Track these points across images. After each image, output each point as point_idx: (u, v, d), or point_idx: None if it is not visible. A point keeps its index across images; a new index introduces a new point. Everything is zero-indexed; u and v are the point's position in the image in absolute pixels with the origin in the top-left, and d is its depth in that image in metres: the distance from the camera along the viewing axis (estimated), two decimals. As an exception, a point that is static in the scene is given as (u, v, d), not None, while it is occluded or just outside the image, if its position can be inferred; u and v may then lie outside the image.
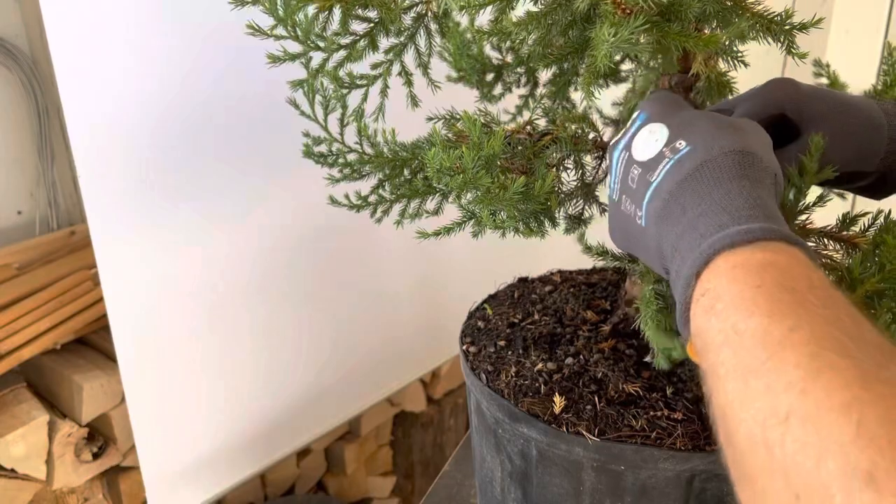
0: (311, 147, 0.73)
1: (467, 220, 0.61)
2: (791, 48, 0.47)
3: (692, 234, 0.42)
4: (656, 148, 0.48)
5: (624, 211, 0.51)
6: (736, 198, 0.42)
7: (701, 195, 0.43)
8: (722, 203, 0.42)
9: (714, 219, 0.42)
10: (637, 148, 0.50)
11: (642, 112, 0.52)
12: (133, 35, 0.89)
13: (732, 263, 0.38)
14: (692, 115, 0.49)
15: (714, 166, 0.44)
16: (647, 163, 0.48)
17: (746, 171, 0.44)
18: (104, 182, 0.91)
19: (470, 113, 0.59)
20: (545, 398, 0.66)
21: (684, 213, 0.44)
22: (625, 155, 0.51)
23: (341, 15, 0.62)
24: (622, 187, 0.51)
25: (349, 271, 1.26)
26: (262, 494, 1.45)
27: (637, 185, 0.48)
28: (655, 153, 0.48)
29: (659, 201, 0.46)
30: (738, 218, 0.41)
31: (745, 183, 0.43)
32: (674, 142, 0.47)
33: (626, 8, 0.38)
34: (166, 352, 1.03)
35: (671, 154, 0.47)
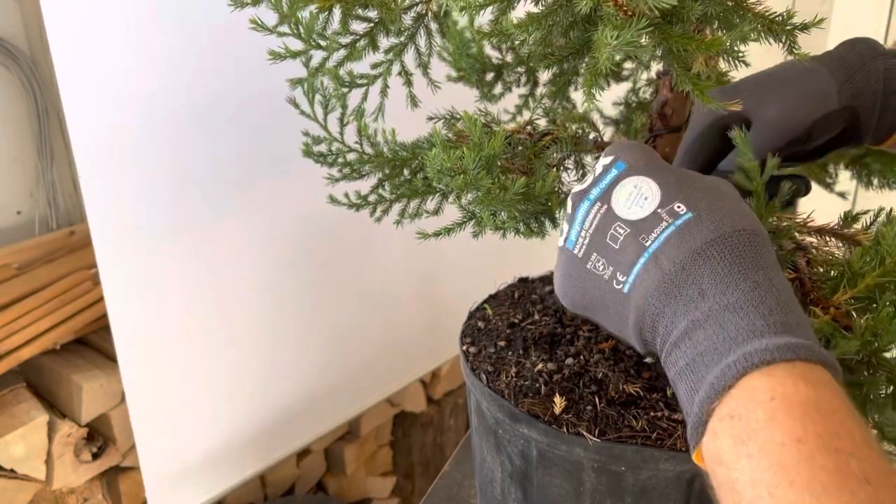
0: (311, 146, 0.73)
1: (468, 220, 0.61)
2: (792, 48, 0.47)
3: (718, 332, 0.39)
4: (648, 207, 0.44)
5: (592, 270, 0.46)
6: (766, 295, 0.39)
7: (725, 282, 0.40)
8: (752, 299, 0.39)
9: (746, 319, 0.38)
10: (619, 203, 0.45)
11: (619, 161, 0.47)
12: (133, 35, 0.89)
13: (771, 393, 0.35)
14: (681, 175, 0.45)
15: (731, 247, 0.41)
16: (637, 223, 0.43)
17: (764, 259, 0.41)
18: (104, 181, 0.91)
19: (470, 113, 0.59)
20: (545, 399, 0.66)
21: (703, 299, 0.40)
22: (600, 208, 0.46)
23: (341, 14, 0.62)
24: (594, 244, 0.46)
25: (349, 271, 1.26)
26: (261, 495, 1.45)
27: (623, 246, 0.44)
28: (648, 213, 0.43)
29: (659, 272, 0.42)
30: (773, 325, 0.38)
31: (771, 274, 0.40)
32: (670, 204, 0.43)
33: (628, 10, 0.38)
34: (166, 352, 1.03)
35: (670, 218, 0.43)
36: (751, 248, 0.41)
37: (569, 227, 0.48)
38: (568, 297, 0.49)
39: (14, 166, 1.24)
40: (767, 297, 0.39)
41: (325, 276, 1.22)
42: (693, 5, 0.42)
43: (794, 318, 0.39)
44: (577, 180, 0.68)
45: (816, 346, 0.37)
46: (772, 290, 0.39)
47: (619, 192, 0.45)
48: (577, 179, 0.68)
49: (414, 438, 1.71)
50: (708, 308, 0.39)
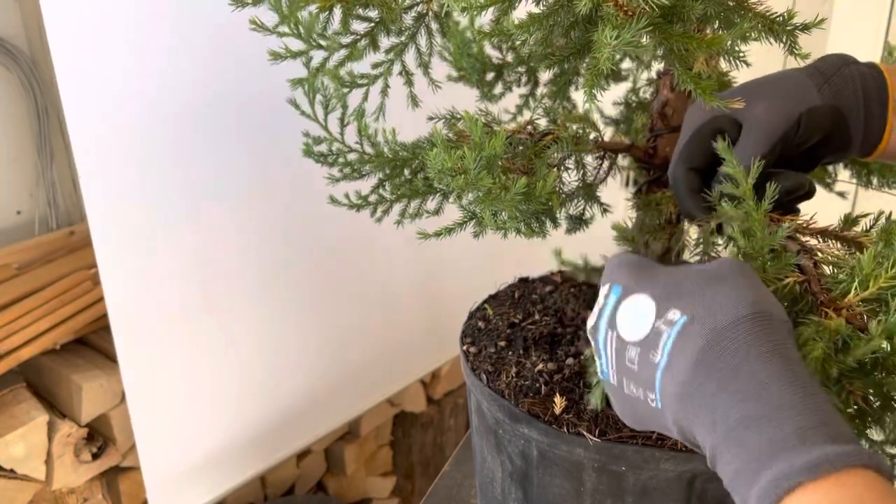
0: (312, 146, 0.73)
1: (468, 220, 0.61)
2: (793, 48, 0.47)
3: (739, 452, 0.38)
4: (648, 323, 0.44)
5: (629, 395, 0.46)
6: (776, 394, 0.38)
7: (730, 391, 0.39)
8: (763, 403, 0.38)
9: (762, 435, 0.37)
10: (624, 327, 0.46)
11: (614, 285, 0.48)
12: (133, 35, 0.89)
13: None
14: (673, 278, 0.46)
15: (725, 347, 0.40)
16: (643, 342, 0.44)
17: (764, 346, 0.39)
18: (104, 181, 0.91)
19: (471, 113, 0.59)
20: (546, 398, 0.66)
21: (715, 412, 0.39)
22: (612, 335, 0.47)
23: (342, 14, 0.62)
24: (619, 371, 0.47)
25: (349, 272, 1.26)
26: (261, 495, 1.45)
27: (639, 367, 0.44)
28: (649, 330, 0.44)
29: (675, 386, 0.42)
30: (790, 434, 0.36)
31: (776, 364, 0.39)
32: (665, 313, 0.43)
33: (628, 10, 0.38)
34: (167, 352, 1.03)
35: (667, 328, 0.43)
36: (754, 338, 0.40)
37: (598, 359, 0.50)
38: (629, 420, 0.50)
39: (14, 166, 1.24)
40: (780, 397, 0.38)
41: (326, 277, 1.22)
42: (693, 4, 0.42)
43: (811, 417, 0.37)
44: (578, 180, 0.68)
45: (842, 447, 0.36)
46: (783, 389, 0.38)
47: (621, 316, 0.46)
48: (578, 179, 0.68)
49: (414, 438, 1.71)
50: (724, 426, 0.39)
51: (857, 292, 0.45)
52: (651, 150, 0.70)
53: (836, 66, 0.56)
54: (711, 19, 0.46)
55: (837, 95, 0.55)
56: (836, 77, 0.56)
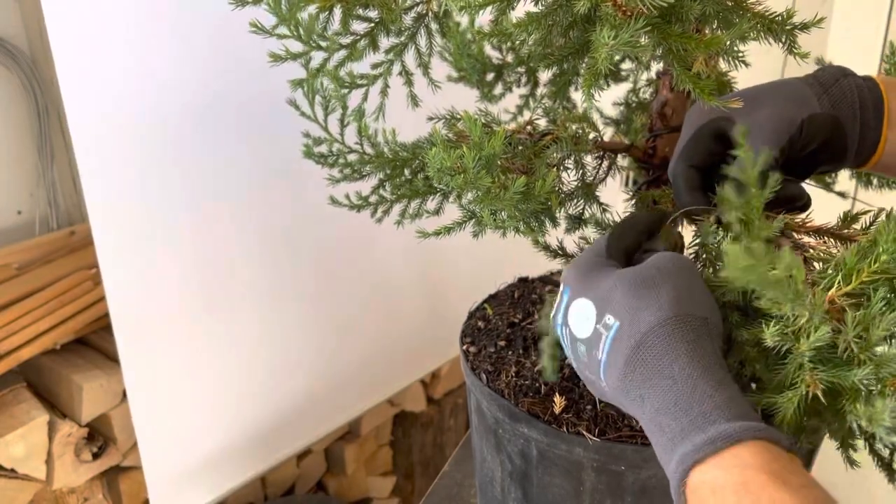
0: (312, 147, 0.73)
1: (468, 219, 0.61)
2: (792, 48, 0.47)
3: (660, 435, 0.45)
4: (590, 325, 0.51)
5: (588, 377, 0.53)
6: (684, 388, 0.45)
7: (651, 385, 0.46)
8: (674, 398, 0.45)
9: (675, 421, 0.44)
10: (574, 325, 0.52)
11: (566, 286, 0.54)
12: (134, 35, 0.89)
13: (711, 486, 0.41)
14: (608, 284, 0.51)
15: (648, 348, 0.47)
16: (587, 340, 0.51)
17: (680, 345, 0.46)
18: (105, 181, 0.91)
19: (470, 113, 0.59)
20: (545, 398, 0.66)
21: (643, 405, 0.47)
22: (567, 331, 0.53)
23: (342, 15, 0.62)
24: (575, 359, 0.53)
25: (350, 272, 1.26)
26: (262, 495, 1.45)
27: (588, 360, 0.51)
28: (591, 331, 0.50)
29: (615, 380, 0.49)
30: (694, 418, 0.43)
31: (684, 364, 0.45)
32: (602, 318, 0.50)
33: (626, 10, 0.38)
34: (168, 352, 1.03)
35: (605, 331, 0.49)
36: (666, 342, 0.47)
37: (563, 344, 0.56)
38: (594, 393, 0.55)
39: (14, 166, 1.24)
40: (687, 391, 0.45)
41: (326, 276, 1.23)
42: (692, 4, 0.42)
43: (712, 401, 0.44)
44: (577, 180, 0.68)
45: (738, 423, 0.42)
46: (688, 382, 0.45)
47: (571, 315, 0.53)
48: (577, 179, 0.68)
49: (414, 438, 1.71)
50: (649, 415, 0.46)
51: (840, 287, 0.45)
52: (650, 150, 0.70)
53: (834, 77, 0.57)
54: (710, 19, 0.46)
55: (835, 105, 0.57)
56: (835, 88, 0.57)
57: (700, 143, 0.57)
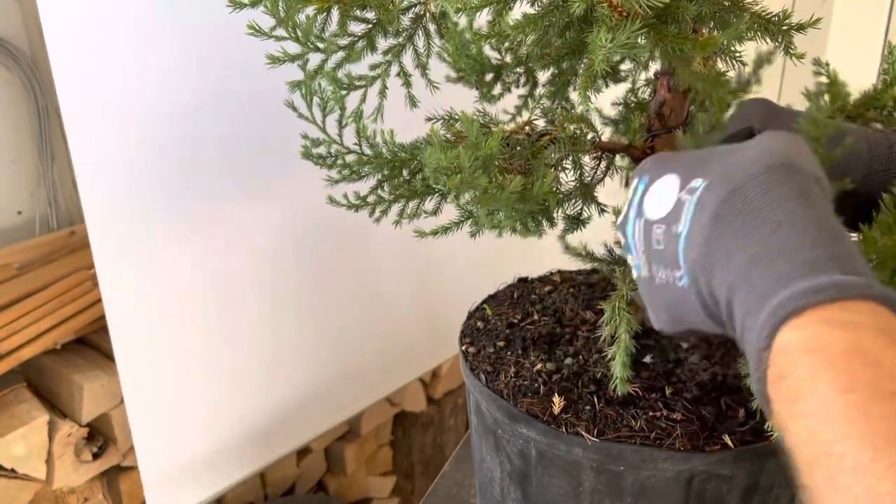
0: (310, 148, 0.73)
1: (465, 219, 0.61)
2: (789, 49, 0.47)
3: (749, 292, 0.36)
4: (672, 198, 0.43)
5: (659, 283, 0.45)
6: (789, 233, 0.36)
7: (745, 233, 0.37)
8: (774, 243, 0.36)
9: (770, 269, 0.35)
10: (650, 209, 0.45)
11: (641, 176, 0.48)
12: (132, 35, 0.89)
13: (805, 346, 0.32)
14: (696, 153, 0.44)
15: (745, 195, 0.38)
16: (667, 216, 0.43)
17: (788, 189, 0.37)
18: (102, 182, 0.91)
19: (468, 113, 0.59)
20: (544, 398, 0.66)
21: (730, 259, 0.38)
22: (639, 223, 0.46)
23: (339, 16, 0.62)
24: (649, 258, 0.45)
25: (349, 271, 1.26)
26: (262, 494, 1.45)
27: (665, 243, 0.43)
28: (673, 203, 0.43)
29: (696, 251, 0.40)
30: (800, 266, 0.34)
31: (794, 207, 0.36)
32: (687, 183, 0.42)
33: (622, 11, 0.38)
34: (165, 351, 1.03)
35: (689, 195, 0.41)
36: (769, 187, 0.38)
37: (630, 256, 0.48)
38: (662, 322, 0.48)
39: (14, 166, 1.24)
40: (792, 237, 0.36)
41: (325, 276, 1.23)
42: (688, 5, 0.42)
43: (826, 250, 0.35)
44: (575, 180, 0.68)
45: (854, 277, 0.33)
46: (795, 227, 0.36)
47: (647, 201, 0.46)
48: (575, 180, 0.68)
49: (414, 438, 1.71)
50: (737, 269, 0.37)
51: None
52: (649, 150, 0.70)
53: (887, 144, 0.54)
54: (706, 20, 0.46)
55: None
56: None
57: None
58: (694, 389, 0.67)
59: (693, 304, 0.42)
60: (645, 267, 0.46)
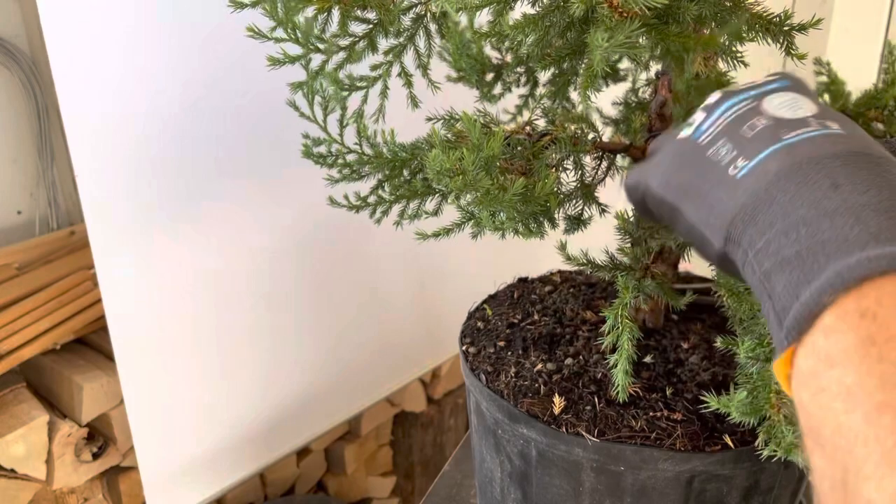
0: (311, 148, 0.73)
1: (466, 220, 0.61)
2: (790, 49, 0.47)
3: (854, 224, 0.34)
4: (800, 113, 0.42)
5: (710, 157, 0.43)
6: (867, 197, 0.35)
7: (865, 183, 0.36)
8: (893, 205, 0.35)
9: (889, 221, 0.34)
10: (772, 104, 0.43)
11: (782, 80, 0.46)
12: (132, 35, 0.89)
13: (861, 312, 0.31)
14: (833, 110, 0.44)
15: (873, 163, 0.38)
16: (784, 121, 0.42)
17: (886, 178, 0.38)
18: (102, 182, 0.91)
19: (469, 113, 0.59)
20: (545, 399, 0.66)
21: (836, 191, 0.36)
22: (749, 104, 0.44)
23: (340, 16, 0.62)
24: (725, 132, 0.44)
25: (348, 271, 1.26)
26: (262, 494, 1.45)
27: (758, 135, 0.42)
28: (799, 117, 0.42)
29: (790, 160, 0.39)
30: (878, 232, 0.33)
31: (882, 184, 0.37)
32: (823, 119, 0.42)
33: (622, 11, 0.38)
34: (164, 352, 1.03)
35: (819, 126, 0.41)
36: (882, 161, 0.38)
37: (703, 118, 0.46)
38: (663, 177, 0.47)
39: (14, 166, 1.24)
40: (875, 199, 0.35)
41: (325, 276, 1.23)
42: (688, 6, 0.42)
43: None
44: (576, 181, 0.68)
45: None
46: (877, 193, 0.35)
47: (773, 97, 0.44)
48: (576, 180, 0.68)
49: (414, 438, 1.71)
50: (842, 199, 0.36)
51: None
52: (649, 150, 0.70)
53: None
54: (707, 20, 0.46)
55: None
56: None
57: None
58: (694, 389, 0.67)
59: (724, 194, 0.42)
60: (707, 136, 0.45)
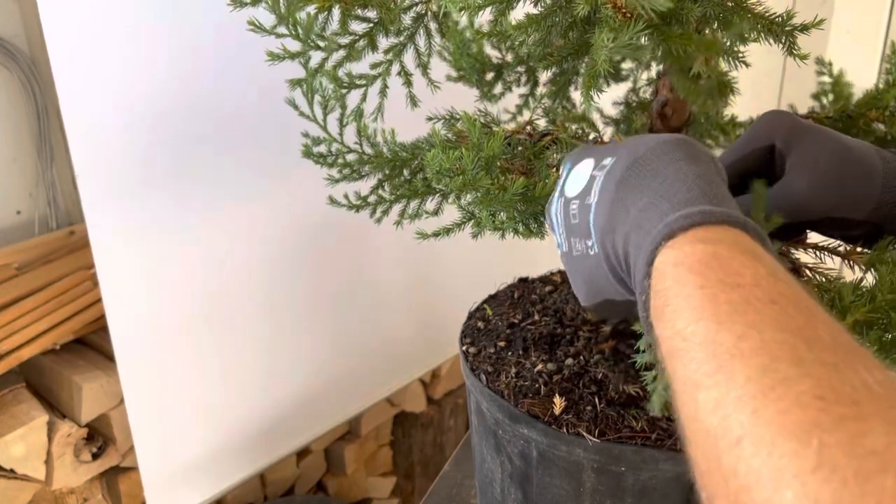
0: (311, 147, 0.73)
1: (467, 220, 0.61)
2: (792, 49, 0.47)
3: (638, 233, 0.41)
4: (586, 177, 0.48)
5: (577, 256, 0.49)
6: (673, 182, 0.41)
7: (640, 189, 0.42)
8: (660, 191, 0.41)
9: (656, 211, 0.40)
10: (569, 188, 0.49)
11: (566, 163, 0.52)
12: (131, 35, 0.89)
13: (674, 260, 0.36)
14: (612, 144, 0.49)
15: (644, 161, 0.43)
16: (581, 192, 0.47)
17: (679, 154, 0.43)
18: (102, 182, 0.91)
19: (470, 113, 0.59)
20: (545, 399, 0.66)
21: (628, 213, 0.42)
22: (560, 202, 0.50)
23: (341, 15, 0.62)
24: (567, 232, 0.49)
25: (349, 271, 1.26)
26: (261, 495, 1.45)
27: (579, 216, 0.47)
28: (587, 181, 0.47)
29: (603, 216, 0.44)
30: (677, 203, 0.39)
31: (682, 164, 0.42)
32: (600, 162, 0.47)
33: (626, 12, 0.38)
34: (165, 352, 1.03)
35: (600, 172, 0.46)
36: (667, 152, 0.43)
37: (554, 236, 0.52)
38: (581, 296, 0.51)
39: (14, 166, 1.24)
40: (675, 183, 0.41)
41: (325, 276, 1.22)
42: (692, 7, 0.42)
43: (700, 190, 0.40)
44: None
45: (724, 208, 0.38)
46: (679, 177, 0.41)
47: (568, 183, 0.50)
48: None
49: (414, 438, 1.71)
50: (632, 219, 0.42)
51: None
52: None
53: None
54: (710, 21, 0.46)
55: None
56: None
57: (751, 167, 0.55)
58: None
59: (603, 270, 0.46)
60: (565, 242, 0.50)
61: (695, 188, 0.40)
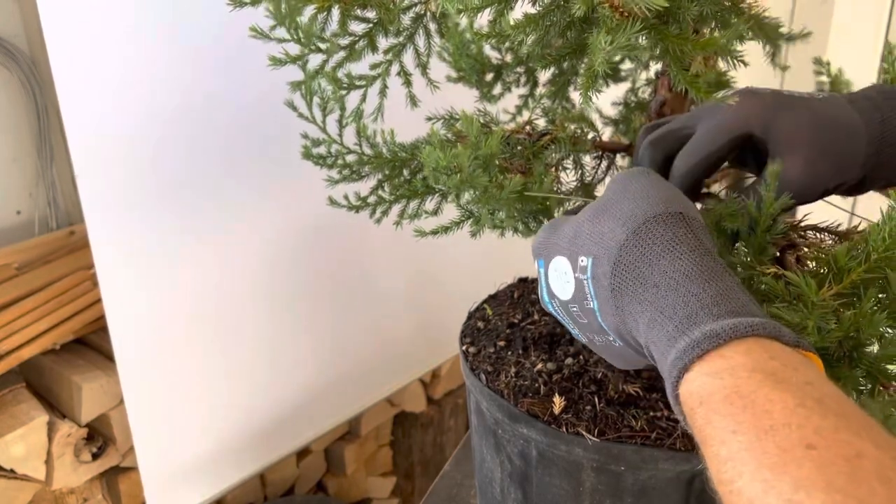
0: (310, 148, 0.73)
1: (466, 219, 0.61)
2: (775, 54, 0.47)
3: (655, 350, 0.41)
4: (570, 279, 0.48)
5: (600, 345, 0.50)
6: (665, 293, 0.41)
7: (638, 300, 0.43)
8: (658, 305, 0.41)
9: (661, 331, 0.40)
10: (558, 291, 0.50)
11: (538, 260, 0.53)
12: (131, 35, 0.89)
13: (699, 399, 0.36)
14: (570, 228, 0.49)
15: (625, 266, 0.43)
16: (575, 296, 0.48)
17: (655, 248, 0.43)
18: (102, 182, 0.91)
19: (469, 113, 0.59)
20: (545, 398, 0.66)
21: (637, 323, 0.43)
22: (556, 303, 0.51)
23: (340, 16, 0.62)
24: (580, 329, 0.51)
25: (349, 271, 1.26)
26: (261, 495, 1.45)
27: (586, 317, 0.48)
28: (574, 284, 0.48)
29: (612, 320, 0.45)
30: (680, 324, 0.39)
31: (664, 266, 0.42)
32: (576, 262, 0.47)
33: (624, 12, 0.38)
34: (165, 352, 1.03)
35: (583, 275, 0.46)
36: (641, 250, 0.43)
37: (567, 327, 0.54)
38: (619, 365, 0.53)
39: (14, 166, 1.24)
40: (668, 296, 0.41)
41: (325, 276, 1.22)
42: (689, 6, 0.42)
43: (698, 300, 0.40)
44: (576, 180, 0.68)
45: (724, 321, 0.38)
46: (671, 285, 0.41)
47: (553, 284, 0.50)
48: (576, 179, 0.68)
49: (414, 438, 1.71)
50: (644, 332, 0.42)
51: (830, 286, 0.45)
52: (649, 151, 0.70)
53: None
54: (707, 20, 0.46)
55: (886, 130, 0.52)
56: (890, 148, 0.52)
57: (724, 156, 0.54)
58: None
59: (632, 354, 0.48)
60: (582, 336, 0.52)
61: (691, 300, 0.40)
